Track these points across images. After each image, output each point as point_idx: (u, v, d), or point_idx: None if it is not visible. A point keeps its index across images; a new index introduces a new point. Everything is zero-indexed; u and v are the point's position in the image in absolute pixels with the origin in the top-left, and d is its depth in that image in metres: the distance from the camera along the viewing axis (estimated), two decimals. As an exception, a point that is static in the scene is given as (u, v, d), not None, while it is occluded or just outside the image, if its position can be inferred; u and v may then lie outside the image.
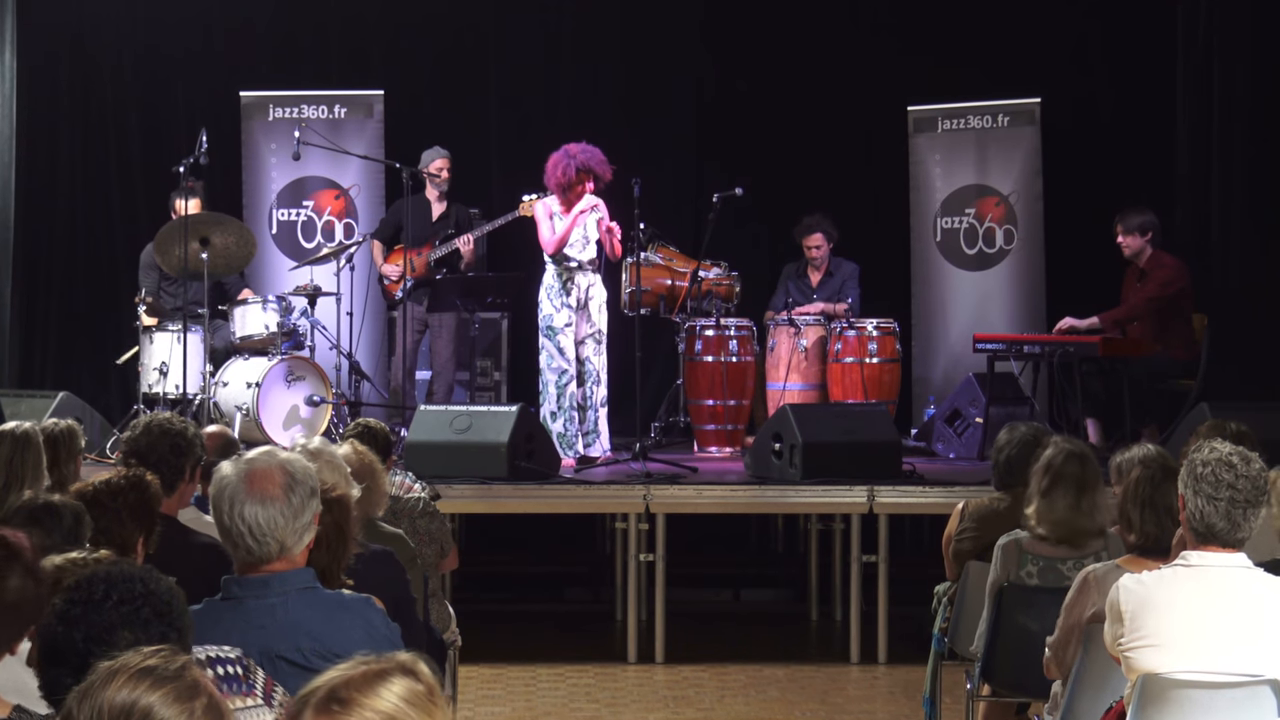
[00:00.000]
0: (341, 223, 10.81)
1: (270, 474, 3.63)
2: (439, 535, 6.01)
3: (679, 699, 7.61)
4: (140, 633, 2.66)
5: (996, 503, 5.89)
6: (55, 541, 3.59)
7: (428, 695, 2.21)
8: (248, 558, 3.61)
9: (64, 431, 5.54)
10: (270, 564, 3.61)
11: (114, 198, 11.27)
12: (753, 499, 8.56)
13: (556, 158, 9.13)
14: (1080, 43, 11.19)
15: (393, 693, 2.19)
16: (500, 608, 9.62)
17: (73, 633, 2.66)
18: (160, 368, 9.28)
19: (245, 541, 3.60)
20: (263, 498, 3.60)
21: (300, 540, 3.65)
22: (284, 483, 3.63)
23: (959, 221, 10.98)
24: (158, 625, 2.68)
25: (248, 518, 3.59)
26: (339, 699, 2.18)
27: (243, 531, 3.59)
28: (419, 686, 2.21)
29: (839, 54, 11.24)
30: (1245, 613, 3.98)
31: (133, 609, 2.68)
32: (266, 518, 3.59)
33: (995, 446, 5.99)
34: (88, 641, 2.65)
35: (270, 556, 3.60)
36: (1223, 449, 4.05)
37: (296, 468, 3.68)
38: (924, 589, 6.54)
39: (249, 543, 3.60)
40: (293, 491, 3.63)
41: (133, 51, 11.26)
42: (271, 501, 3.60)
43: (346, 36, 11.42)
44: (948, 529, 6.08)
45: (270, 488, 3.61)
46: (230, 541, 3.62)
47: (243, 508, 3.59)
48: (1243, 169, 10.40)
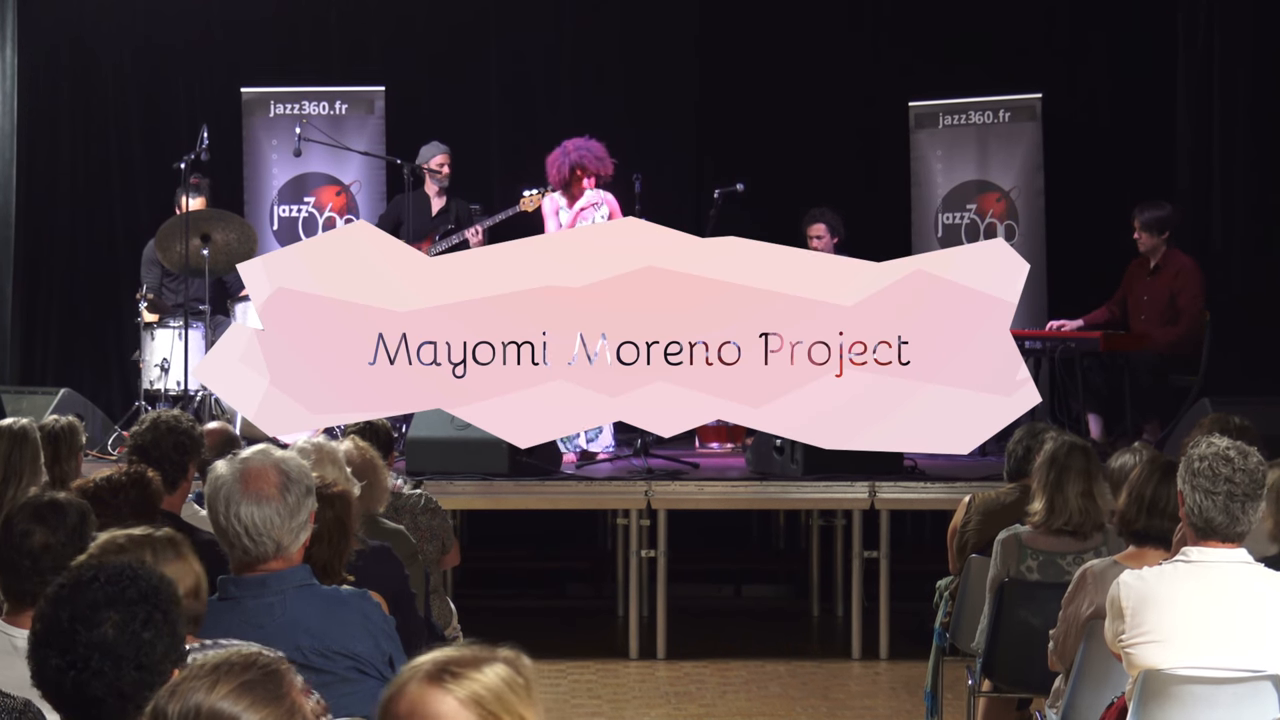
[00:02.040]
0: (342, 219, 10.80)
1: (265, 473, 3.63)
2: (440, 531, 6.01)
3: (681, 695, 7.62)
4: (125, 612, 2.67)
5: (1004, 496, 5.90)
6: (60, 539, 3.59)
7: (526, 686, 2.32)
8: (244, 557, 3.61)
9: (64, 428, 5.55)
10: (267, 563, 3.62)
11: (115, 194, 11.27)
12: (754, 495, 8.56)
13: (554, 155, 9.14)
14: (1082, 39, 11.17)
15: (497, 674, 2.31)
16: (501, 604, 9.62)
17: (59, 612, 2.67)
18: (162, 364, 9.29)
19: (242, 541, 3.60)
20: (258, 497, 3.60)
21: (296, 539, 3.65)
22: (279, 482, 3.63)
23: (960, 217, 10.97)
24: (143, 606, 2.68)
25: (244, 518, 3.59)
26: (450, 671, 2.29)
27: (239, 532, 3.59)
28: (519, 678, 2.32)
29: (840, 49, 11.23)
30: (1246, 608, 3.98)
31: (118, 589, 2.68)
32: (263, 517, 3.59)
33: (1013, 438, 5.99)
34: (73, 621, 2.66)
35: (267, 556, 3.61)
36: (1220, 443, 4.05)
37: (291, 466, 3.68)
38: (926, 584, 6.55)
39: (245, 543, 3.60)
40: (288, 490, 3.63)
41: (133, 48, 11.25)
42: (267, 501, 3.60)
43: (347, 32, 11.41)
44: (953, 521, 6.09)
45: (266, 487, 3.61)
46: (227, 541, 3.63)
47: (239, 508, 3.59)
48: (1244, 165, 10.39)
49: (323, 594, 3.69)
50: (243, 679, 2.27)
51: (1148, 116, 10.88)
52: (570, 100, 11.17)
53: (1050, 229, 10.74)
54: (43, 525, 3.58)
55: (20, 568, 3.53)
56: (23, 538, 3.56)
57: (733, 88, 11.33)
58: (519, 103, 11.29)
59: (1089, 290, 9.92)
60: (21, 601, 3.49)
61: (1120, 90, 11.03)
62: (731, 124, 11.26)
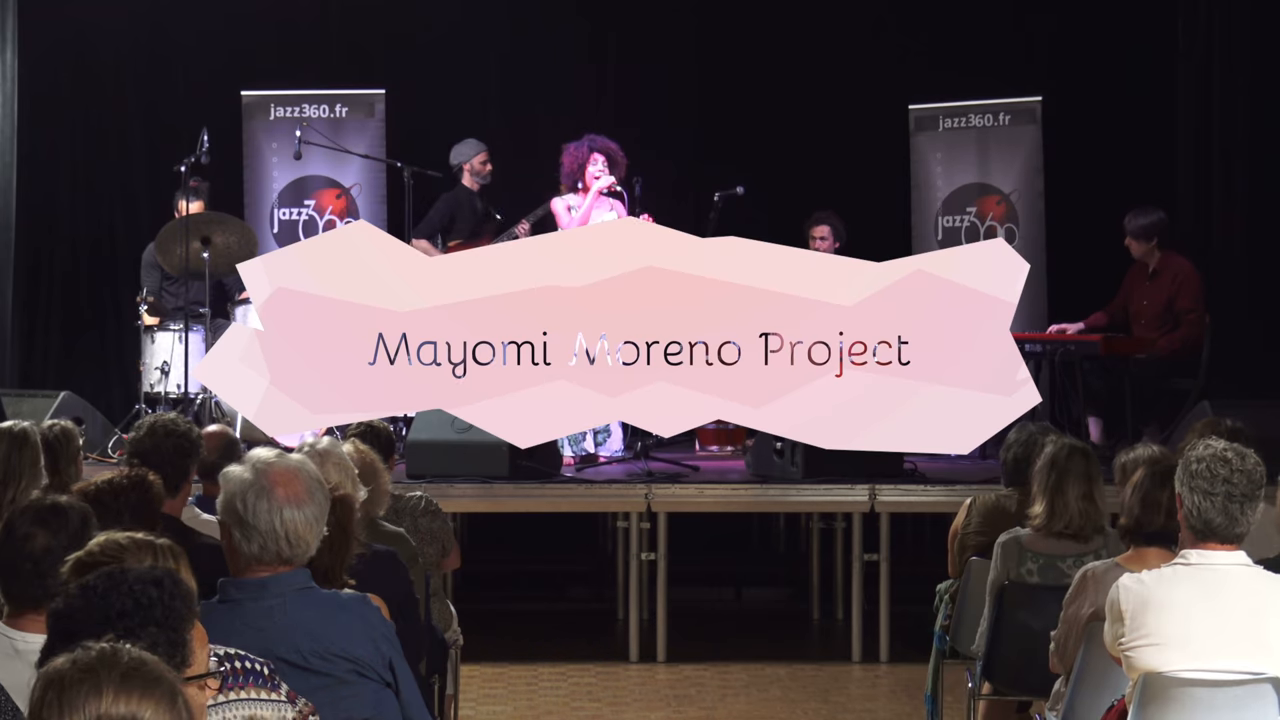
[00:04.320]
0: (343, 222, 10.80)
1: (297, 477, 3.66)
2: (441, 534, 6.01)
3: (681, 698, 7.61)
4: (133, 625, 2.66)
5: (1005, 500, 5.90)
6: (61, 542, 3.59)
7: None
8: (262, 556, 3.61)
9: (60, 433, 5.54)
10: (264, 567, 3.62)
11: (115, 197, 11.28)
12: (754, 498, 8.56)
13: (574, 145, 9.24)
14: (1082, 41, 11.18)
15: None
16: (502, 607, 9.62)
17: (90, 610, 2.66)
18: (162, 367, 9.29)
19: (278, 544, 3.60)
20: (297, 501, 3.62)
21: (316, 543, 3.69)
22: (310, 486, 3.67)
23: (960, 220, 10.97)
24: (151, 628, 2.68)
25: (288, 520, 3.60)
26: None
27: (281, 534, 3.60)
28: None
29: (840, 52, 11.24)
30: (1246, 610, 3.98)
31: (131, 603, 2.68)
32: (304, 521, 3.62)
33: (1004, 444, 6.00)
34: (104, 624, 2.65)
35: (298, 559, 3.63)
36: (1217, 445, 4.05)
37: (312, 470, 3.74)
38: (926, 588, 6.54)
39: (281, 545, 3.60)
40: (317, 494, 3.69)
41: (133, 50, 11.26)
42: (304, 505, 3.63)
43: (348, 35, 11.42)
44: (955, 523, 6.09)
45: (300, 491, 3.64)
46: (253, 543, 3.61)
47: (282, 510, 3.60)
48: (1244, 168, 10.40)
49: (322, 597, 3.69)
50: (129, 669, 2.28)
51: (1148, 119, 10.88)
52: (570, 102, 11.18)
53: (1050, 232, 10.74)
54: (45, 528, 3.58)
55: (22, 571, 3.52)
56: (25, 541, 3.55)
57: (733, 90, 11.34)
58: (519, 105, 11.29)
59: (1089, 293, 9.92)
60: (22, 605, 3.49)
61: (1120, 93, 11.03)
62: (731, 127, 11.27)
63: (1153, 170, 10.72)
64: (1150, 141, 10.83)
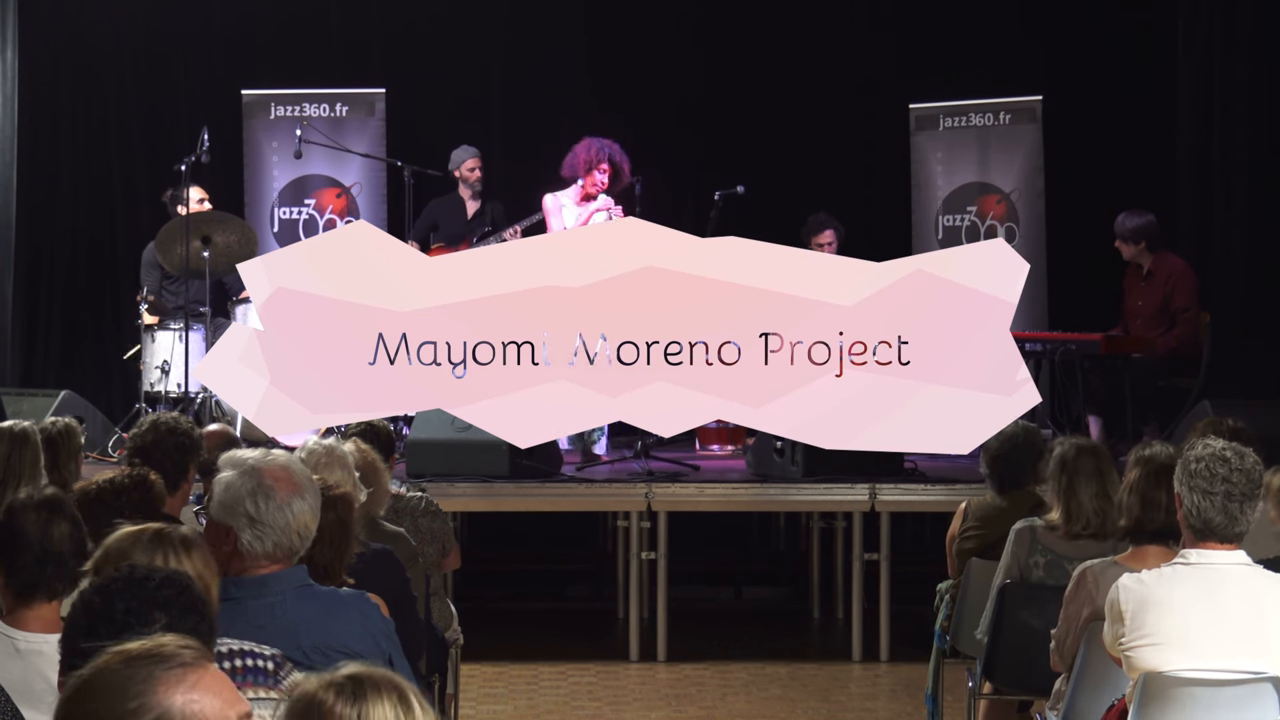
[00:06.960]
0: (343, 221, 10.81)
1: (290, 472, 3.72)
2: (441, 534, 6.02)
3: (681, 697, 7.61)
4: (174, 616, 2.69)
5: (998, 499, 5.90)
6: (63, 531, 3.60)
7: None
8: (275, 554, 3.63)
9: (61, 431, 5.55)
10: (271, 564, 3.63)
11: (115, 196, 11.28)
12: (754, 497, 8.56)
13: (582, 144, 9.25)
14: (1082, 41, 11.18)
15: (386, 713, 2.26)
16: (502, 606, 9.62)
17: (115, 602, 2.68)
18: (162, 366, 9.29)
19: (291, 539, 3.63)
20: (300, 493, 3.68)
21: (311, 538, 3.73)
22: (302, 478, 3.73)
23: (961, 219, 10.98)
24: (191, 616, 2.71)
25: (296, 513, 3.64)
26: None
27: (294, 528, 3.63)
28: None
29: (840, 51, 11.24)
30: (1246, 610, 3.98)
31: (172, 593, 2.71)
32: (310, 511, 3.68)
33: (985, 450, 6.00)
34: (128, 614, 2.67)
35: (303, 552, 3.66)
36: (1216, 444, 4.05)
37: (300, 464, 3.78)
38: (926, 587, 6.54)
39: (294, 539, 3.64)
40: (310, 484, 3.76)
41: (134, 49, 11.26)
42: (305, 496, 3.70)
43: (348, 34, 11.42)
44: (951, 528, 6.09)
45: (298, 484, 3.71)
46: (266, 540, 3.62)
47: (290, 505, 3.64)
48: (1244, 167, 10.40)
49: (321, 594, 3.71)
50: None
51: (1148, 119, 10.88)
52: (571, 103, 11.17)
53: (1050, 231, 10.74)
54: (46, 517, 3.58)
55: (24, 560, 3.52)
56: (41, 526, 3.55)
57: (733, 90, 11.34)
58: (519, 106, 11.29)
59: (1089, 292, 9.92)
60: (22, 597, 3.49)
61: (1121, 92, 11.03)
62: (731, 126, 11.27)
63: (1153, 170, 10.72)
64: (1150, 141, 10.83)
